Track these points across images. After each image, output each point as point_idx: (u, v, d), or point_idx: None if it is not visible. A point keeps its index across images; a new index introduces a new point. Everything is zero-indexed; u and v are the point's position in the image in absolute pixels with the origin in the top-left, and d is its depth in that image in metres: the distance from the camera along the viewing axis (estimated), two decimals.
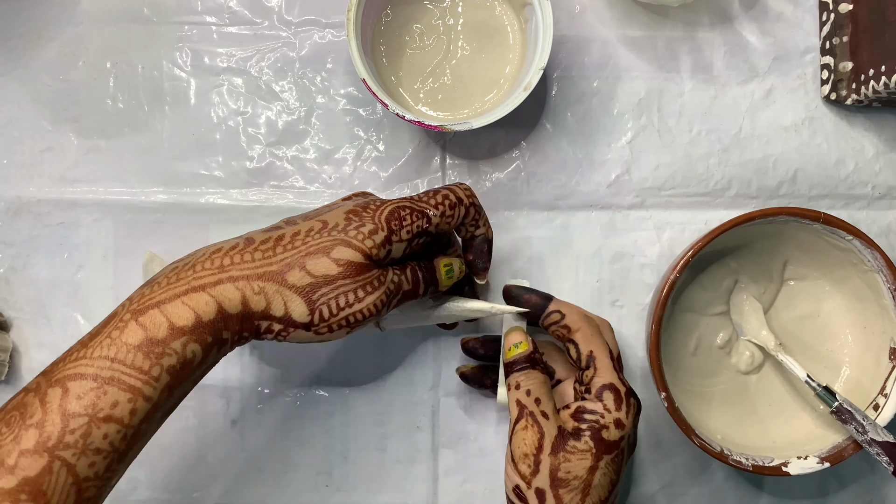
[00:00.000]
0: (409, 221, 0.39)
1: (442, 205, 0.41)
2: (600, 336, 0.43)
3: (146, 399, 0.34)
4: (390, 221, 0.39)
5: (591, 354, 0.42)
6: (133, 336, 0.34)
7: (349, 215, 0.39)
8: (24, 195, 0.50)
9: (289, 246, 0.37)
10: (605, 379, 0.41)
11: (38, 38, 0.51)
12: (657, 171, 0.51)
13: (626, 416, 0.40)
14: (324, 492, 0.50)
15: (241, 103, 0.51)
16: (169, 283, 0.36)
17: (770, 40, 0.52)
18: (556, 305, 0.43)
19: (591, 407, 0.40)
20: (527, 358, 0.43)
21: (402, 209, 0.39)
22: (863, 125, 0.52)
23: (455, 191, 0.42)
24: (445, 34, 0.50)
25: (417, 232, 0.39)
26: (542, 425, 0.40)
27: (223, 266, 0.36)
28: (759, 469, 0.46)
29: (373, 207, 0.39)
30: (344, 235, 0.37)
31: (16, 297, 0.50)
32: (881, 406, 0.47)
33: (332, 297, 0.37)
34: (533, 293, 0.44)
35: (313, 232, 0.38)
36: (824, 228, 0.46)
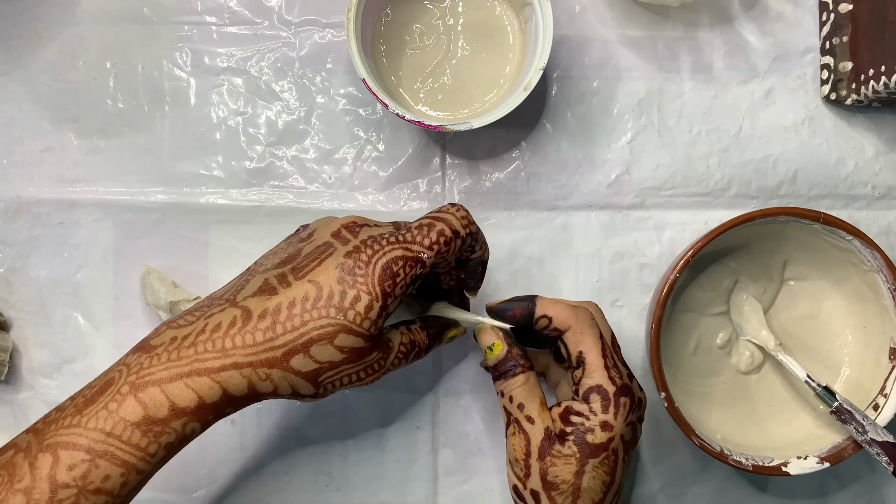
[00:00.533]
0: (403, 275, 0.38)
1: (437, 244, 0.39)
2: (591, 331, 0.41)
3: (138, 472, 0.34)
4: (384, 283, 0.38)
5: (581, 355, 0.41)
6: (131, 412, 0.34)
7: (342, 276, 0.38)
8: (23, 195, 0.50)
9: (288, 325, 0.37)
10: (594, 380, 0.40)
11: (38, 38, 0.51)
12: (657, 171, 0.51)
13: (614, 418, 0.39)
14: (324, 492, 0.50)
15: (241, 103, 0.51)
16: (170, 359, 0.35)
17: (770, 40, 0.52)
18: (542, 309, 0.42)
19: (578, 408, 0.40)
20: (505, 360, 0.42)
21: (395, 262, 0.38)
22: (863, 125, 0.52)
23: (451, 223, 0.40)
24: (445, 34, 0.50)
25: (412, 281, 0.39)
26: (527, 432, 0.40)
27: (225, 349, 0.36)
28: (758, 469, 0.46)
29: (364, 259, 0.38)
30: (343, 318, 0.37)
31: (16, 297, 0.50)
32: (881, 406, 0.47)
33: (336, 378, 0.38)
34: (515, 305, 0.42)
35: (308, 304, 0.37)
36: (824, 228, 0.46)
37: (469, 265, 0.43)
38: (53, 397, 0.50)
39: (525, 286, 0.51)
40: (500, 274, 0.51)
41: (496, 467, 0.51)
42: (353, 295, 0.37)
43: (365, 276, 0.37)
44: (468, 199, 0.51)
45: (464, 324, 0.44)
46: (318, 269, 0.38)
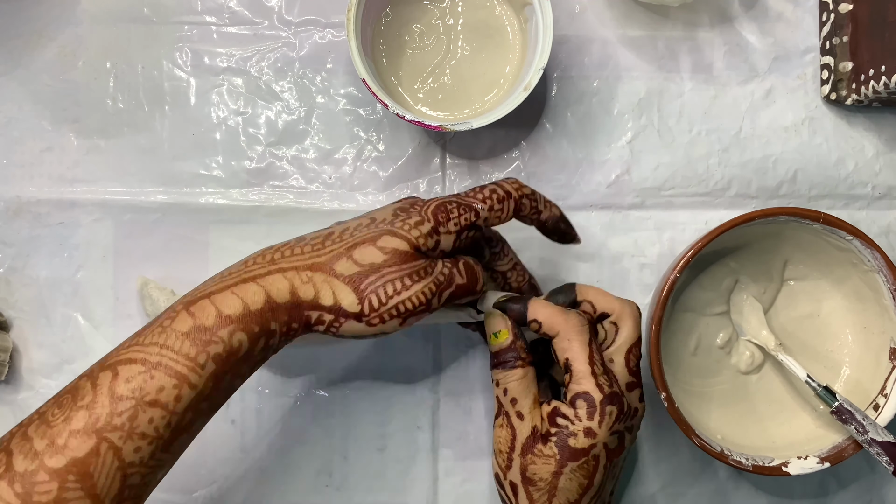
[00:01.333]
0: (457, 214, 0.39)
1: (490, 199, 0.41)
2: (579, 338, 0.40)
3: (191, 386, 0.34)
4: (437, 214, 0.39)
5: (567, 361, 0.40)
6: (182, 324, 0.35)
7: (397, 211, 0.39)
8: (23, 195, 0.50)
9: (337, 240, 0.38)
10: (581, 387, 0.39)
11: (38, 38, 0.51)
12: (657, 171, 0.51)
13: (598, 425, 0.39)
14: (324, 492, 0.50)
15: (241, 103, 0.51)
16: (223, 277, 0.37)
17: (770, 40, 0.52)
18: (533, 313, 0.41)
19: (565, 411, 0.39)
20: (507, 350, 0.41)
21: (449, 203, 0.40)
22: (863, 125, 0.52)
23: (503, 185, 0.42)
24: (445, 34, 0.50)
25: (465, 225, 0.40)
26: (514, 427, 0.40)
27: (273, 260, 0.37)
28: (758, 469, 0.46)
29: (420, 203, 0.40)
30: (390, 227, 0.38)
31: (16, 297, 0.50)
32: (881, 406, 0.47)
33: (379, 286, 0.37)
34: (512, 306, 0.42)
35: (361, 227, 0.39)
36: (824, 228, 0.46)
37: (549, 226, 0.44)
38: None
39: None
40: None
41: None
42: (405, 216, 0.39)
43: (418, 209, 0.39)
44: None
45: (467, 318, 0.44)
46: (375, 211, 0.40)
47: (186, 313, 0.35)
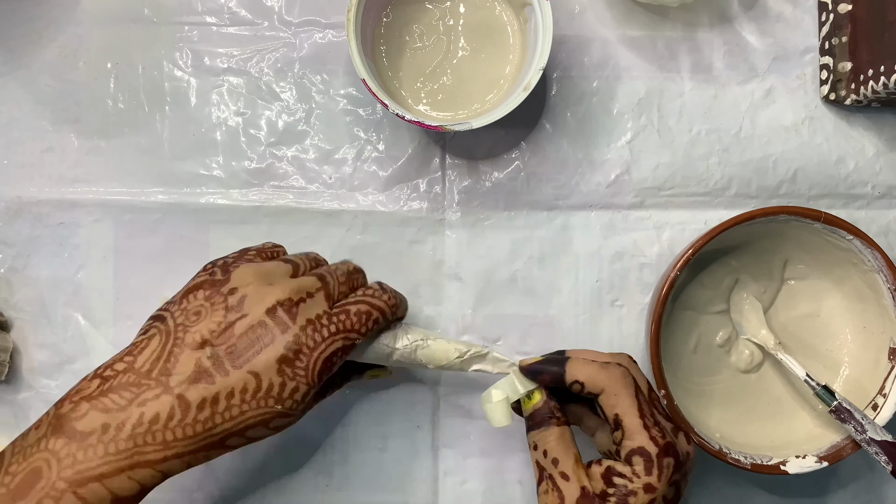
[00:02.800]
0: (337, 359, 0.40)
1: (370, 329, 0.41)
2: (626, 391, 0.40)
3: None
4: (322, 374, 0.39)
5: (617, 417, 0.39)
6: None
7: (282, 367, 0.38)
8: (24, 195, 0.50)
9: (226, 415, 0.37)
10: (635, 443, 0.39)
11: (39, 38, 0.51)
12: (657, 171, 0.52)
13: (657, 480, 0.38)
14: (324, 492, 0.50)
15: (241, 104, 0.51)
16: (107, 452, 0.35)
17: (770, 40, 0.52)
18: (573, 374, 0.41)
19: (621, 470, 0.39)
20: (541, 410, 0.41)
21: (335, 354, 0.39)
22: (863, 125, 0.52)
23: (383, 309, 0.42)
24: (445, 34, 0.50)
25: (342, 362, 0.41)
26: (561, 489, 0.39)
27: (167, 442, 0.36)
28: (757, 468, 0.46)
29: (305, 352, 0.38)
30: (281, 407, 0.38)
31: (16, 297, 0.50)
32: (880, 406, 0.47)
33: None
34: (548, 368, 0.41)
35: (248, 395, 0.37)
36: (825, 228, 0.46)
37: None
38: (53, 397, 0.50)
39: (525, 286, 0.51)
40: (500, 273, 0.51)
41: (496, 467, 0.51)
42: (293, 387, 0.38)
43: (306, 370, 0.38)
44: (468, 199, 0.51)
45: (484, 371, 0.43)
46: (256, 360, 0.38)
47: (75, 498, 0.34)
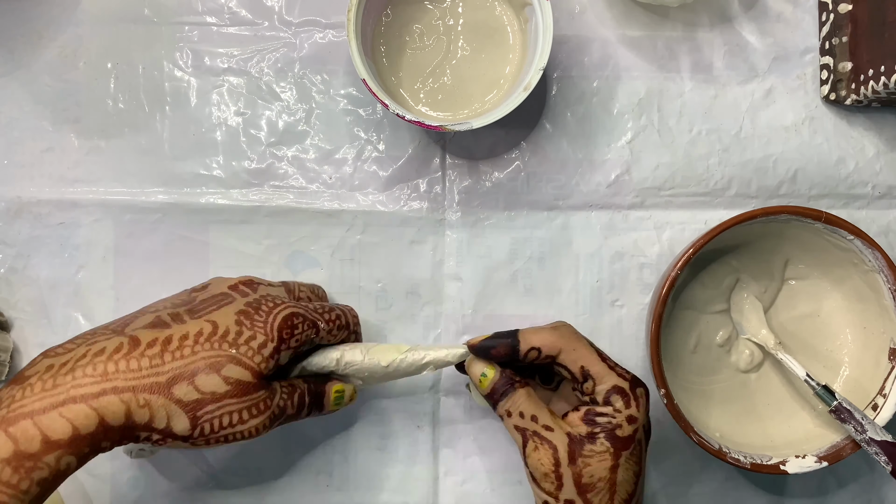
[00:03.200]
0: (301, 331, 0.39)
1: (333, 322, 0.42)
2: (581, 343, 0.42)
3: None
4: (282, 331, 0.38)
5: (584, 369, 0.41)
6: (2, 449, 0.32)
7: (240, 318, 0.38)
8: (24, 195, 0.50)
9: (177, 353, 0.36)
10: (608, 384, 0.41)
11: (39, 38, 0.51)
12: (657, 171, 0.52)
13: (636, 409, 0.40)
14: (324, 492, 0.50)
15: (241, 104, 0.51)
16: (44, 388, 0.33)
17: (770, 40, 0.52)
18: (527, 342, 0.41)
19: (602, 410, 0.40)
20: (500, 382, 0.42)
21: (296, 317, 0.39)
22: (863, 125, 0.52)
23: (346, 314, 0.43)
24: (445, 34, 0.50)
25: (305, 341, 0.40)
26: (550, 440, 0.40)
27: (107, 373, 0.34)
28: (757, 467, 0.46)
29: (265, 309, 0.38)
30: (235, 351, 0.36)
31: (16, 297, 0.50)
32: (880, 406, 0.47)
33: (216, 416, 0.36)
34: (499, 341, 0.42)
35: (202, 338, 0.37)
36: (826, 228, 0.46)
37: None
38: None
39: (525, 286, 0.51)
40: (500, 273, 0.51)
41: (496, 467, 0.51)
42: (250, 334, 0.37)
43: (264, 322, 0.38)
44: (468, 199, 0.51)
45: (438, 364, 0.44)
46: (215, 311, 0.38)
47: (6, 436, 0.32)
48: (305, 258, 0.51)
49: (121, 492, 0.50)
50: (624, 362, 0.51)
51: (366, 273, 0.51)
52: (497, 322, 0.51)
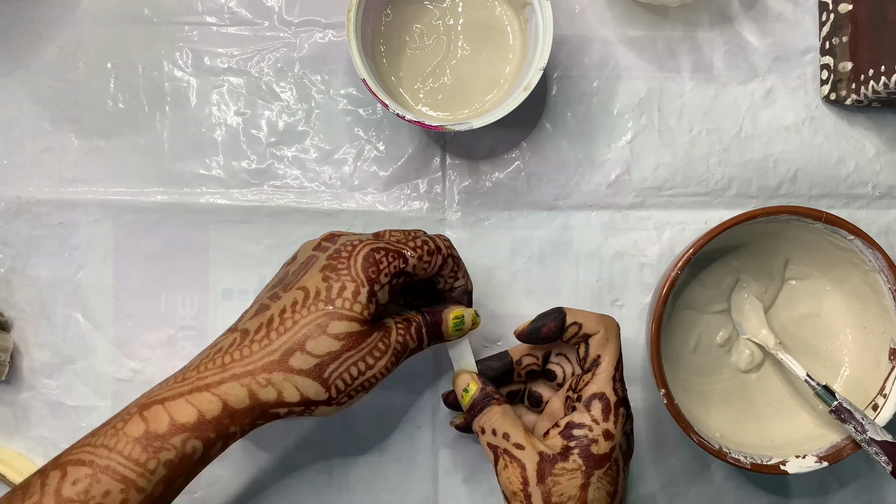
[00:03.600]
0: (386, 263, 0.39)
1: (420, 248, 0.41)
2: (614, 341, 0.42)
3: (139, 490, 0.34)
4: (367, 270, 0.38)
5: (598, 359, 0.41)
6: (135, 428, 0.35)
7: (326, 273, 0.38)
8: (24, 195, 0.50)
9: (280, 329, 0.37)
10: (598, 387, 0.40)
11: (39, 38, 0.51)
12: (657, 171, 0.52)
13: (613, 426, 0.39)
14: (324, 492, 0.50)
15: (241, 104, 0.51)
16: (176, 381, 0.37)
17: (770, 40, 0.52)
18: (572, 317, 0.42)
19: (580, 420, 0.40)
20: (480, 398, 0.42)
21: (377, 251, 0.39)
22: (863, 125, 0.52)
23: (434, 239, 0.42)
24: (445, 34, 0.50)
25: (395, 272, 0.39)
26: (519, 458, 0.39)
27: (225, 364, 0.37)
28: (757, 467, 0.46)
29: (345, 256, 0.39)
30: (332, 307, 0.37)
31: (16, 297, 0.50)
32: (880, 406, 0.47)
33: (343, 371, 0.38)
34: (548, 319, 0.42)
35: (298, 306, 0.38)
36: (826, 228, 0.46)
37: (454, 295, 0.44)
38: (54, 397, 0.50)
39: (525, 286, 0.51)
40: (500, 273, 0.51)
41: None
42: (339, 286, 0.38)
43: (347, 268, 0.38)
44: (468, 199, 0.51)
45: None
46: (304, 277, 0.39)
47: (140, 417, 0.35)
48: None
49: None
50: (624, 362, 0.51)
51: None
52: (497, 322, 0.51)
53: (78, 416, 0.50)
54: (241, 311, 0.41)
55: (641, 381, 0.51)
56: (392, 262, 0.39)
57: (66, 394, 0.50)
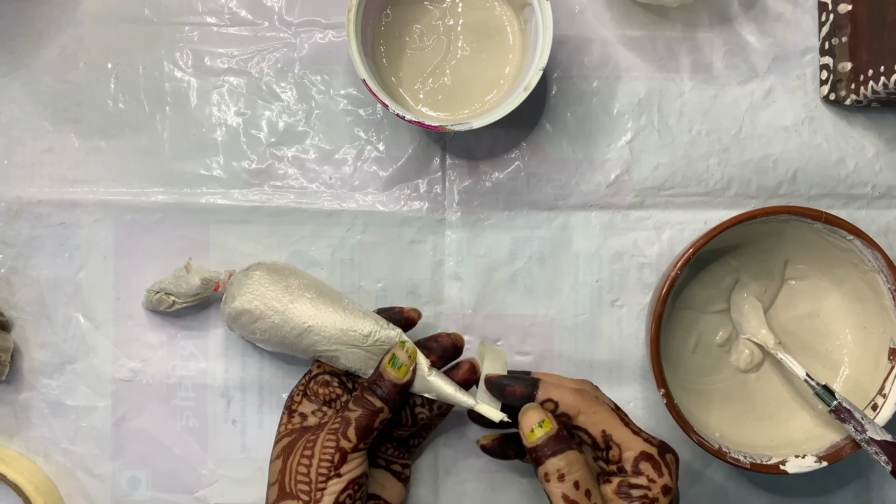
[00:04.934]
0: (302, 385, 0.47)
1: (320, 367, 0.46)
2: (602, 407, 0.39)
3: None
4: (288, 400, 0.45)
5: (605, 433, 0.39)
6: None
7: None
8: (24, 195, 0.50)
9: None
10: (635, 450, 0.38)
11: (39, 38, 0.51)
12: (657, 171, 0.52)
13: (670, 478, 0.38)
14: None
15: (241, 104, 0.51)
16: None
17: (769, 40, 0.52)
18: (546, 392, 0.40)
19: (635, 482, 0.38)
20: (556, 438, 0.38)
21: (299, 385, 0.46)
22: (863, 125, 0.52)
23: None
24: (445, 34, 0.50)
25: (303, 387, 0.46)
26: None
27: None
28: (756, 467, 0.46)
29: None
30: (276, 434, 0.45)
31: (17, 297, 0.50)
32: (879, 406, 0.47)
33: (293, 473, 0.41)
34: (516, 383, 0.40)
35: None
36: (825, 228, 0.46)
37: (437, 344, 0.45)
38: (55, 397, 0.50)
39: (525, 286, 0.51)
40: (500, 274, 0.51)
41: (496, 467, 0.51)
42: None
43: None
44: (468, 199, 0.51)
45: (456, 401, 0.43)
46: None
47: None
48: (305, 258, 0.51)
49: (120, 492, 0.50)
50: (624, 362, 0.51)
51: (366, 273, 0.51)
52: (497, 322, 0.51)
53: (78, 416, 0.50)
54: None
55: (641, 379, 0.51)
56: (299, 382, 0.46)
57: (67, 394, 0.50)
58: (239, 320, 0.45)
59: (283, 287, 0.45)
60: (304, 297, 0.44)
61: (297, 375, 0.50)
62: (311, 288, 0.45)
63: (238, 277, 0.46)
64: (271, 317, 0.44)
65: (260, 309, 0.44)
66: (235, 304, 0.44)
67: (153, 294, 0.49)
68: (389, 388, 0.41)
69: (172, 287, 0.48)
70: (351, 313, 0.44)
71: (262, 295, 0.44)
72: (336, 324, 0.43)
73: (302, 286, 0.45)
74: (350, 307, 0.45)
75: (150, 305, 0.49)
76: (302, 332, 0.44)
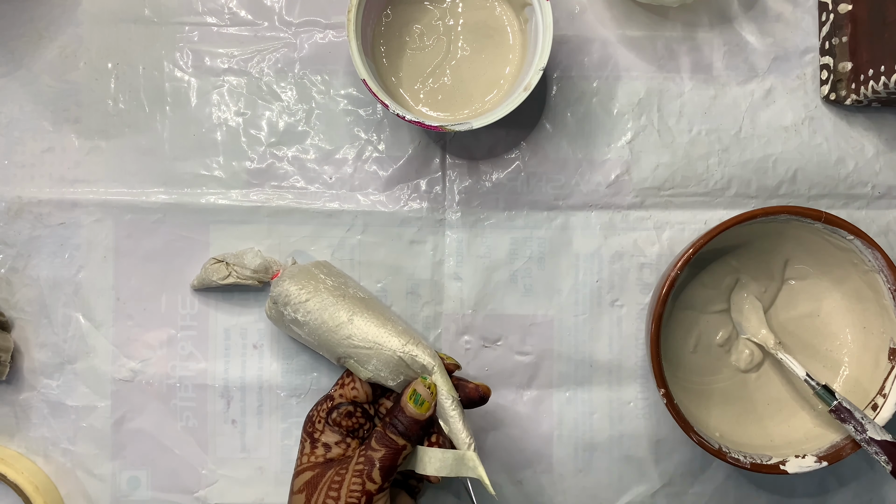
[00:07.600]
0: (316, 412, 0.44)
1: (346, 385, 0.44)
2: None
3: None
4: (305, 428, 0.44)
5: None
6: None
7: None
8: (24, 195, 0.50)
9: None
10: None
11: (39, 38, 0.51)
12: (657, 171, 0.52)
13: None
14: None
15: (241, 104, 0.51)
16: None
17: (769, 40, 0.52)
18: None
19: None
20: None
21: (313, 409, 0.44)
22: (862, 125, 0.52)
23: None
24: (445, 34, 0.50)
25: (327, 412, 0.44)
26: None
27: None
28: (756, 467, 0.46)
29: None
30: (294, 469, 0.44)
31: (17, 297, 0.50)
32: (880, 406, 0.47)
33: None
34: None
35: None
36: (825, 228, 0.46)
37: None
38: (55, 397, 0.50)
39: (525, 286, 0.51)
40: (500, 274, 0.51)
41: (496, 467, 0.51)
42: (297, 450, 0.45)
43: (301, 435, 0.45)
44: (468, 199, 0.51)
45: (458, 443, 0.43)
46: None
47: None
48: (305, 258, 0.51)
49: (120, 491, 0.50)
50: (624, 362, 0.51)
51: (366, 273, 0.51)
52: (497, 322, 0.51)
53: (78, 416, 0.50)
54: (241, 310, 0.41)
55: (641, 379, 0.51)
56: (320, 407, 0.44)
57: (67, 394, 0.50)
58: (290, 298, 0.45)
59: (340, 282, 0.46)
60: (356, 296, 0.46)
61: (297, 376, 0.50)
62: (365, 293, 0.47)
63: (299, 266, 0.48)
64: (321, 300, 0.45)
65: (311, 292, 0.45)
66: (292, 282, 0.45)
67: (213, 262, 0.49)
68: (410, 424, 0.42)
69: (234, 259, 0.48)
70: (394, 324, 0.44)
71: (319, 280, 0.46)
72: (377, 325, 0.44)
73: (357, 288, 0.47)
74: (396, 320, 0.45)
75: (205, 274, 0.49)
76: (342, 322, 0.44)
